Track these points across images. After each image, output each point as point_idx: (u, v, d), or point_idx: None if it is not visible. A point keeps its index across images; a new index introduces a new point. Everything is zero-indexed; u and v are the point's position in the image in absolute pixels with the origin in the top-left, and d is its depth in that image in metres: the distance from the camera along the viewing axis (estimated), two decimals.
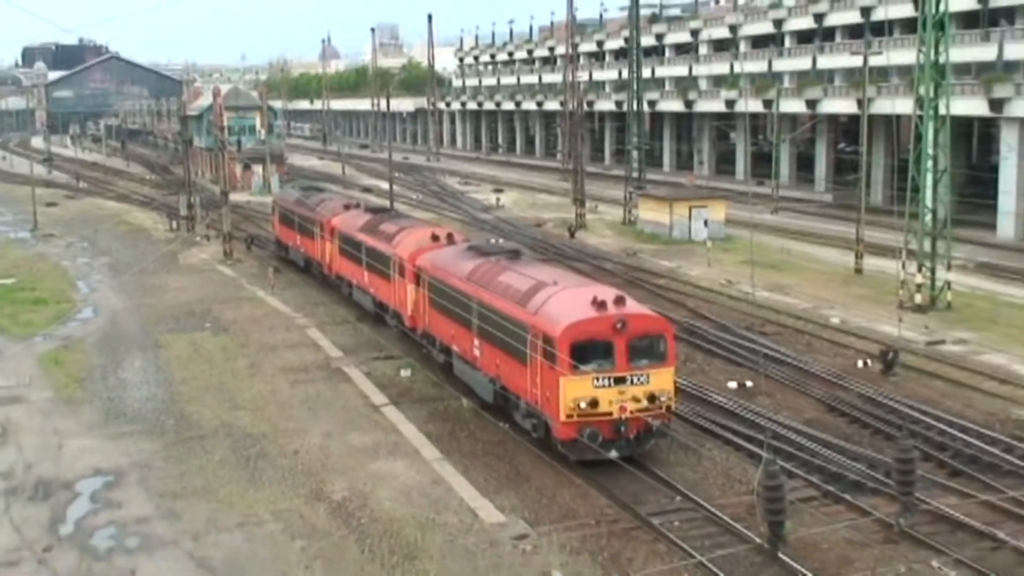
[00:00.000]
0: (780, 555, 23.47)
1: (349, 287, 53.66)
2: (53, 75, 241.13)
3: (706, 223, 72.43)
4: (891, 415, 34.84)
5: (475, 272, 37.14)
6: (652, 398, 30.07)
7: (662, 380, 30.50)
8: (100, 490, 30.27)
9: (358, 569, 24.86)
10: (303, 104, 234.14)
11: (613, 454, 29.61)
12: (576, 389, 29.61)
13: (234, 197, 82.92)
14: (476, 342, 36.04)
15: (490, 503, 28.58)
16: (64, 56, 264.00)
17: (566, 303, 31.20)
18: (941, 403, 36.50)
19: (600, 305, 30.44)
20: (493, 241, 66.82)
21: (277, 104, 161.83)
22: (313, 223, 59.27)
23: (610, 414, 29.91)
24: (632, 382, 29.97)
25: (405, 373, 41.30)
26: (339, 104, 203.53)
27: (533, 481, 30.39)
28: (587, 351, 29.92)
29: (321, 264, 58.62)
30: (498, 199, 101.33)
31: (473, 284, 36.47)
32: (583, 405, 29.56)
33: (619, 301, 30.87)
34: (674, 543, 25.86)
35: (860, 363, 41.33)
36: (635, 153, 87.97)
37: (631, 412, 29.91)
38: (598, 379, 29.74)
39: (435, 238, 44.57)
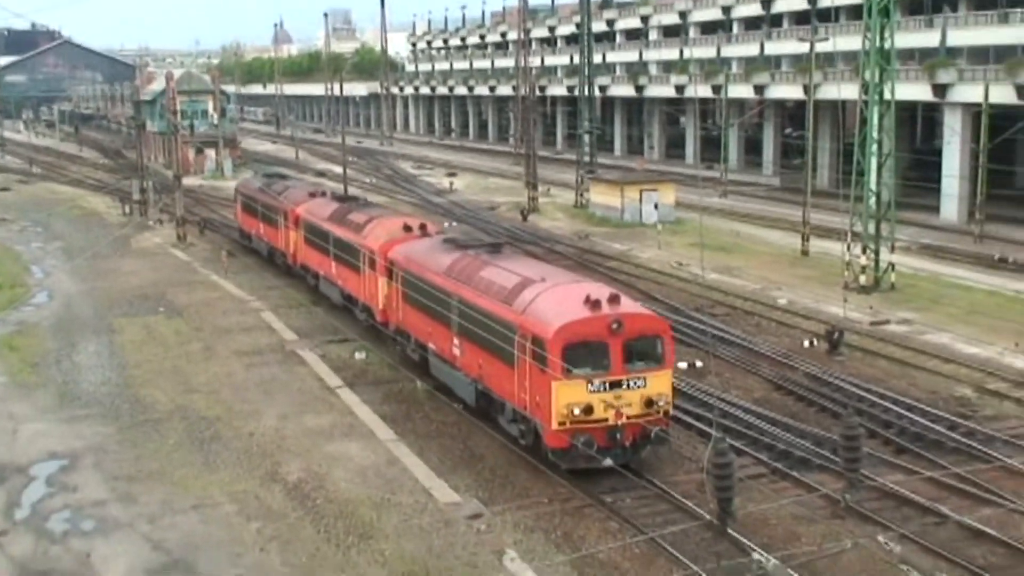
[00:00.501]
0: (729, 531, 23.93)
1: (315, 278, 51.63)
2: (5, 60, 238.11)
3: (656, 206, 73.07)
4: (837, 393, 35.52)
5: (454, 267, 35.04)
6: (649, 403, 28.41)
7: (660, 383, 28.80)
8: (55, 474, 30.39)
9: (314, 550, 25.17)
10: (256, 88, 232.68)
11: (608, 463, 27.71)
12: (569, 394, 27.83)
13: (187, 181, 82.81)
14: (456, 341, 34.01)
15: (444, 483, 28.95)
16: (16, 41, 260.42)
17: (556, 302, 29.36)
18: (886, 382, 37.24)
19: (594, 304, 28.64)
20: (449, 225, 67.16)
21: (230, 88, 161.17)
22: (277, 211, 57.24)
23: (605, 420, 28.12)
24: (628, 386, 28.23)
25: (360, 356, 41.61)
26: (292, 88, 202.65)
27: (487, 461, 30.80)
28: (580, 354, 28.07)
29: (285, 254, 56.49)
30: (451, 183, 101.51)
31: (452, 280, 34.45)
32: (577, 411, 27.81)
33: (613, 300, 29.06)
34: (626, 520, 26.40)
35: (807, 343, 42.03)
36: (586, 137, 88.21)
37: (627, 418, 28.20)
38: (592, 383, 27.97)
39: (407, 228, 42.59)
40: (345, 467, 30.18)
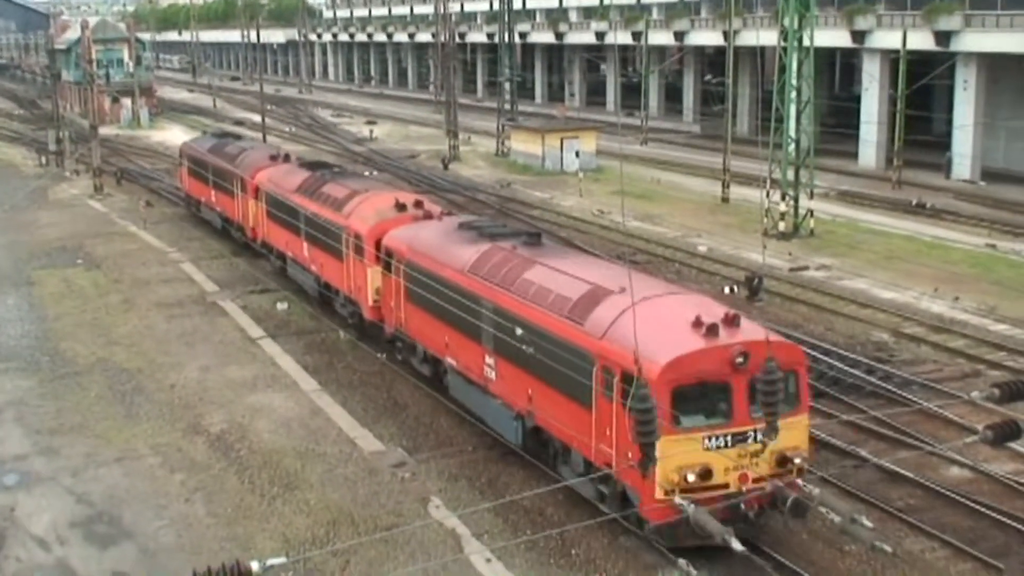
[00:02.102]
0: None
1: (280, 259, 44.92)
2: None
3: (577, 154, 73.24)
4: None
5: (483, 263, 28.05)
6: (782, 460, 21.48)
7: (795, 434, 21.71)
8: None
9: (238, 500, 25.16)
10: (172, 36, 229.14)
11: (737, 546, 18.88)
12: (679, 453, 20.52)
13: (103, 131, 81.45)
14: (490, 360, 27.22)
15: (369, 432, 29.05)
16: None
17: (655, 324, 21.48)
18: (804, 327, 37.77)
19: (709, 329, 21.40)
20: (369, 173, 66.70)
21: (146, 36, 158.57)
22: (231, 178, 50.27)
23: (726, 486, 21.10)
24: (756, 439, 21.16)
25: (282, 306, 41.43)
26: (208, 35, 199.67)
27: (411, 410, 30.90)
28: (694, 398, 21.17)
29: (243, 228, 49.75)
30: (371, 131, 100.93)
31: (482, 281, 27.47)
32: (691, 477, 20.78)
33: (731, 321, 21.90)
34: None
35: (727, 289, 42.47)
36: (507, 85, 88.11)
37: (754, 482, 21.19)
38: (711, 438, 21.03)
39: (400, 207, 35.47)
40: (268, 418, 30.14)
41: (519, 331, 25.29)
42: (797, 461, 21.55)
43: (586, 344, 22.80)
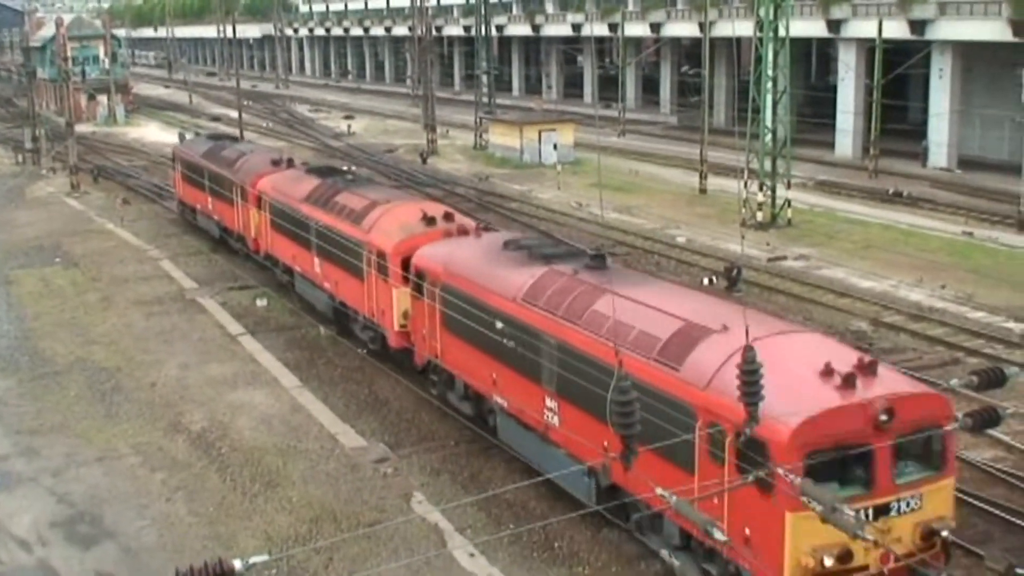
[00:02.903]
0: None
1: (287, 273, 41.85)
2: None
3: (555, 147, 73.19)
4: None
5: (540, 290, 24.25)
6: (929, 533, 17.93)
7: (941, 501, 18.32)
8: None
9: (220, 498, 25.09)
10: (147, 32, 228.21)
11: None
12: (813, 531, 16.40)
13: (80, 128, 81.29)
14: (554, 404, 23.36)
15: (350, 428, 28.97)
16: None
17: (778, 375, 16.82)
18: (783, 317, 37.78)
19: (845, 380, 17.74)
20: (348, 169, 66.41)
21: (121, 32, 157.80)
22: (230, 185, 47.00)
23: (866, 568, 17.56)
24: (899, 511, 17.73)
25: (261, 303, 41.34)
26: (184, 31, 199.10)
27: (392, 405, 30.89)
28: (829, 464, 17.40)
29: (244, 238, 46.49)
30: (349, 126, 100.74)
31: (544, 313, 23.61)
32: (828, 561, 17.14)
33: (868, 369, 18.19)
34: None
35: (706, 280, 42.51)
36: (484, 78, 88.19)
37: (896, 561, 17.42)
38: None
39: (428, 220, 32.00)
40: (249, 415, 30.06)
41: (592, 372, 21.10)
42: (944, 534, 18.01)
43: (689, 396, 19.04)
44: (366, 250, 32.86)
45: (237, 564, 10.43)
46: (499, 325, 25.14)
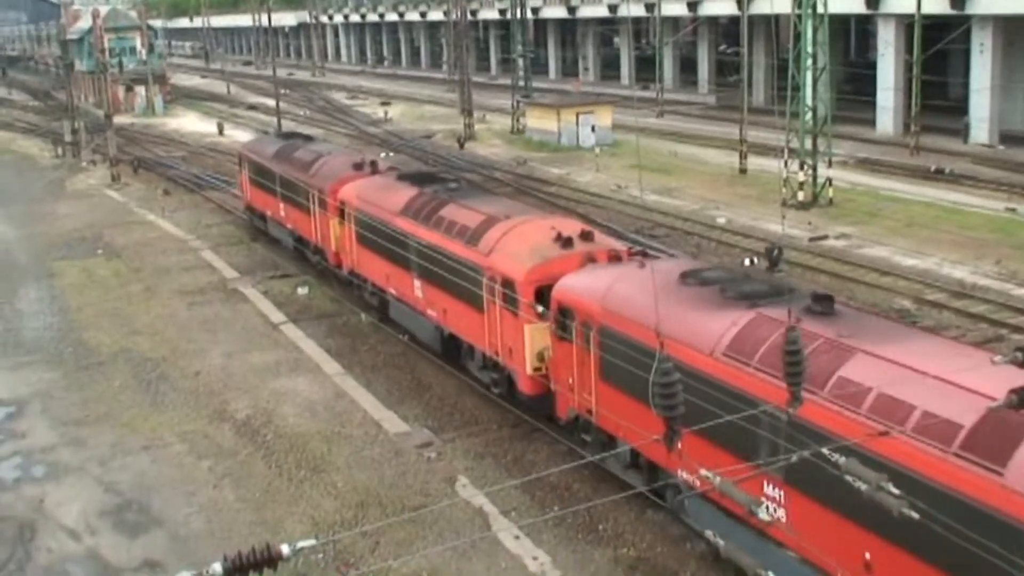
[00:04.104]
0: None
1: (376, 294, 37.33)
2: None
3: (593, 129, 72.98)
4: None
5: (750, 343, 19.20)
6: None
7: None
8: (3, 421, 30.24)
9: (266, 485, 25.27)
10: (183, 22, 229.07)
11: None
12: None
13: (118, 120, 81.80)
14: (779, 493, 18.40)
15: (394, 414, 29.10)
16: None
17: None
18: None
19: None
20: (385, 155, 66.59)
21: (157, 23, 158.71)
22: (306, 191, 42.66)
23: None
24: None
25: (303, 291, 41.50)
26: (219, 21, 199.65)
27: (435, 390, 30.99)
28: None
29: (323, 250, 42.16)
30: (386, 112, 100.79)
31: (761, 374, 18.46)
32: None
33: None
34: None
35: (747, 261, 42.29)
36: (520, 61, 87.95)
37: None
38: None
39: (566, 242, 27.00)
40: (293, 402, 30.24)
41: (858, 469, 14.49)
42: None
43: (1008, 507, 14.24)
44: (486, 276, 28.05)
45: (285, 549, 10.45)
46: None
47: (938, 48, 65.52)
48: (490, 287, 27.90)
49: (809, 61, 52.17)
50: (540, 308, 25.82)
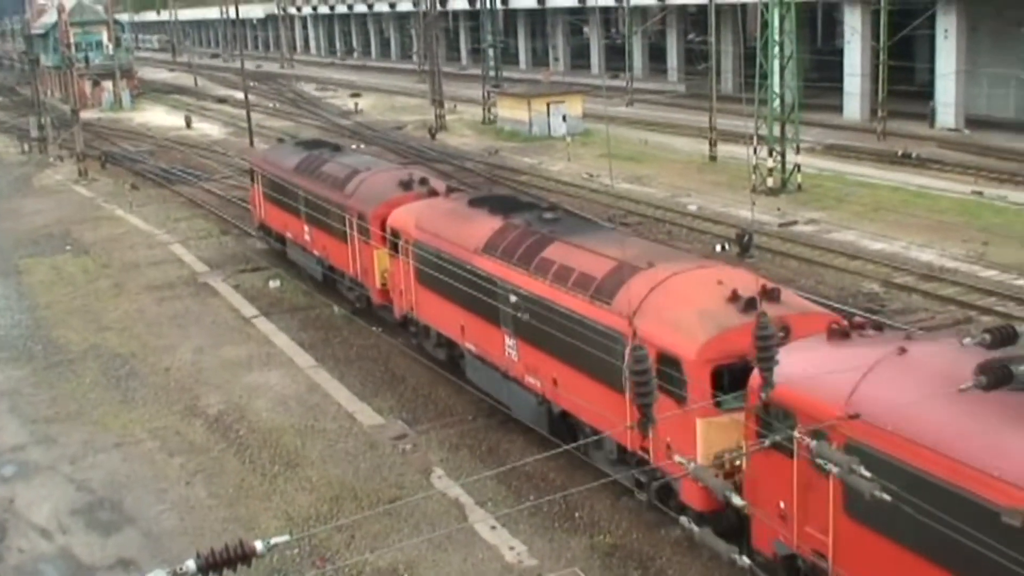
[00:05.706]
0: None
1: (442, 346, 30.42)
2: None
3: (564, 118, 72.96)
4: None
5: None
6: None
7: None
8: None
9: (239, 481, 25.18)
10: (150, 16, 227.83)
11: None
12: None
13: (85, 115, 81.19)
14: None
15: (367, 406, 29.06)
16: None
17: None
18: (795, 281, 37.69)
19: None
20: (356, 147, 66.41)
21: (124, 17, 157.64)
22: (339, 214, 35.89)
23: None
24: None
25: (274, 284, 41.34)
26: (186, 13, 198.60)
27: (408, 382, 30.91)
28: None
29: (363, 285, 35.43)
30: (356, 104, 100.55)
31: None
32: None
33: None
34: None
35: (718, 247, 42.45)
36: (490, 51, 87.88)
37: None
38: None
39: (747, 304, 19.68)
40: (266, 396, 30.14)
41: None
42: None
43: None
44: (610, 339, 21.58)
45: (259, 545, 10.42)
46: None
47: (904, 34, 65.72)
48: (610, 348, 21.42)
49: (776, 49, 52.32)
50: (719, 397, 19.42)
